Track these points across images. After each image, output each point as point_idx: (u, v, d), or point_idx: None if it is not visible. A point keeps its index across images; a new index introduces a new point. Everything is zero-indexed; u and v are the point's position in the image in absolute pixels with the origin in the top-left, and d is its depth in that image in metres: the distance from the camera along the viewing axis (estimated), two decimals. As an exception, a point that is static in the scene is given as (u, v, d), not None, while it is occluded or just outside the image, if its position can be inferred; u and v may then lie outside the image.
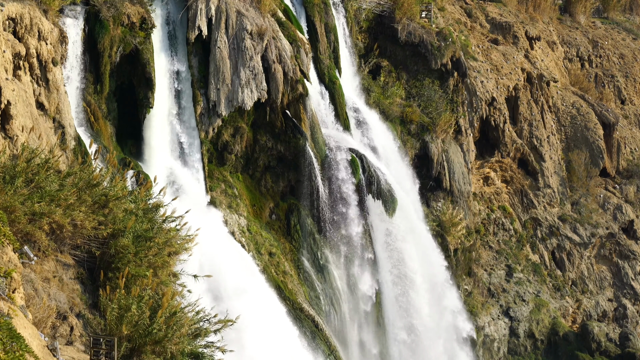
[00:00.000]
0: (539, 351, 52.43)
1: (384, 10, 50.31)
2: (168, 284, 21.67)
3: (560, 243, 56.35)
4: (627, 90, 65.98)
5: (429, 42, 49.75)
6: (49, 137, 29.37)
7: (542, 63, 59.56)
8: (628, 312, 56.68)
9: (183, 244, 22.83)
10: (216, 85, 38.33)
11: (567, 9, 68.63)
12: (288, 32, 41.22)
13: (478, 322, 50.48)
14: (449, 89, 50.64)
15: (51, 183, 20.62)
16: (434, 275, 46.84)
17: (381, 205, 43.00)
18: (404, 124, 48.44)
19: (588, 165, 58.79)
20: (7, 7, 28.81)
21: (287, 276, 39.60)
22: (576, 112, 60.23)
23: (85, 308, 20.45)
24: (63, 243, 21.08)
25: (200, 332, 20.36)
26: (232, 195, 39.67)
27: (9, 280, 16.26)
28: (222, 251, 36.21)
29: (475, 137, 53.61)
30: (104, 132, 34.93)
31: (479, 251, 53.00)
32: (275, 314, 36.92)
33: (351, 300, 42.56)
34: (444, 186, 49.22)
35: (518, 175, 56.37)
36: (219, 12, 38.51)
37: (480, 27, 59.47)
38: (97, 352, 17.87)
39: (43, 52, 30.30)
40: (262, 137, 40.81)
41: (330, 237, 41.85)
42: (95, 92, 34.92)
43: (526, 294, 53.07)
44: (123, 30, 35.26)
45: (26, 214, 19.54)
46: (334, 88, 44.37)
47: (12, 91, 27.21)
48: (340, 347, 40.49)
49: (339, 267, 42.26)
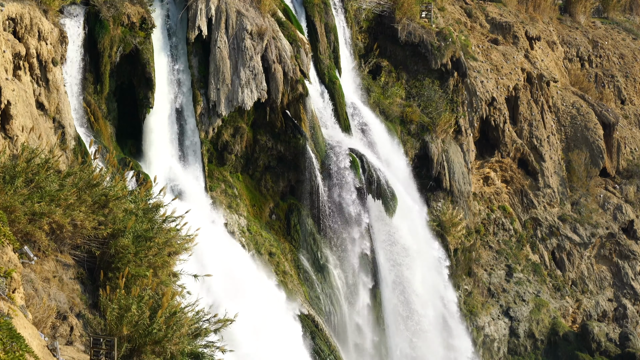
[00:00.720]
0: (539, 351, 52.43)
1: (384, 10, 50.31)
2: (168, 284, 21.66)
3: (560, 243, 56.35)
4: (627, 90, 65.98)
5: (429, 42, 49.75)
6: (49, 137, 29.38)
7: (542, 63, 59.57)
8: (628, 312, 56.68)
9: (183, 244, 22.82)
10: (216, 85, 38.33)
11: (567, 9, 68.62)
12: (288, 32, 41.22)
13: (478, 322, 50.48)
14: (449, 89, 50.64)
15: (51, 183, 20.62)
16: (434, 276, 46.86)
17: (381, 205, 43.00)
18: (404, 124, 48.44)
19: (588, 165, 58.79)
20: (7, 7, 28.81)
21: (287, 276, 39.60)
22: (576, 112, 60.24)
23: (85, 308, 20.45)
24: (63, 243, 21.08)
25: (200, 332, 20.36)
26: (232, 195, 39.68)
27: (9, 280, 16.26)
28: (222, 251, 36.19)
29: (475, 137, 53.61)
30: (104, 132, 34.94)
31: (479, 251, 53.00)
32: (276, 314, 36.91)
33: (351, 300, 42.56)
34: (444, 186, 49.22)
35: (518, 175, 56.37)
36: (219, 12, 38.51)
37: (480, 27, 59.47)
38: (97, 352, 17.87)
39: (43, 52, 30.30)
40: (262, 137, 40.81)
41: (330, 237, 41.85)
42: (95, 92, 34.92)
43: (526, 294, 53.07)
44: (123, 30, 35.26)
45: (26, 214, 19.54)
46: (334, 88, 44.37)
47: (12, 91, 27.21)
48: (340, 347, 40.49)
49: (339, 267, 42.25)
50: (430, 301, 46.13)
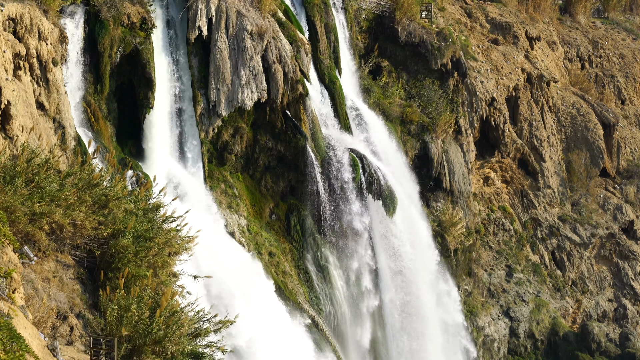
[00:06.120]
0: (539, 351, 52.43)
1: (384, 11, 50.30)
2: (168, 284, 21.65)
3: (560, 243, 56.35)
4: (627, 91, 65.98)
5: (429, 42, 49.75)
6: (49, 137, 29.38)
7: (542, 63, 59.56)
8: (628, 312, 56.67)
9: (183, 244, 22.81)
10: (216, 85, 38.33)
11: (567, 9, 68.61)
12: (288, 32, 41.22)
13: (478, 322, 50.48)
14: (449, 89, 50.63)
15: (51, 183, 20.61)
16: (432, 274, 46.88)
17: (381, 205, 43.00)
18: (404, 124, 48.44)
19: (588, 165, 58.78)
20: (7, 7, 28.81)
21: (287, 276, 39.61)
22: (576, 112, 60.23)
23: (85, 308, 20.44)
24: (63, 243, 21.07)
25: (200, 332, 20.35)
26: (232, 196, 39.68)
27: (9, 280, 16.26)
28: (222, 251, 36.19)
29: (475, 137, 53.61)
30: (104, 132, 34.94)
31: (479, 251, 53.00)
32: (277, 314, 36.94)
33: (351, 300, 42.56)
34: (444, 186, 49.22)
35: (518, 176, 56.37)
36: (219, 12, 38.52)
37: (480, 27, 59.46)
38: (97, 352, 17.87)
39: (43, 52, 30.30)
40: (262, 137, 40.81)
41: (330, 237, 41.85)
42: (95, 92, 34.93)
43: (526, 294, 53.07)
44: (123, 31, 35.27)
45: (26, 214, 19.53)
46: (334, 88, 44.37)
47: (12, 91, 27.22)
48: (339, 347, 40.50)
49: (339, 267, 42.25)
50: (430, 301, 46.14)
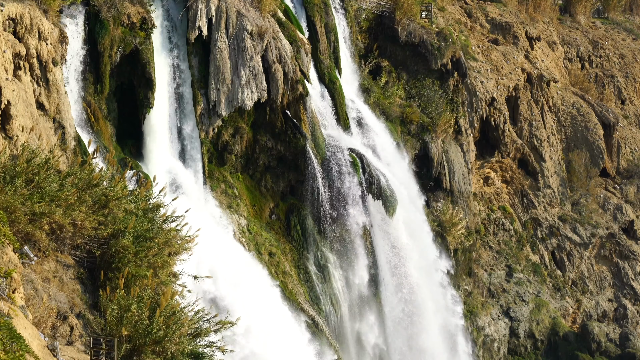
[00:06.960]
0: (539, 351, 52.43)
1: (384, 11, 50.30)
2: (168, 284, 21.66)
3: (560, 243, 56.35)
4: (627, 91, 65.98)
5: (429, 42, 49.74)
6: (49, 137, 29.38)
7: (542, 63, 59.57)
8: (628, 312, 56.68)
9: (183, 244, 22.82)
10: (216, 85, 38.33)
11: (567, 9, 68.62)
12: (288, 32, 41.22)
13: (478, 322, 50.48)
14: (449, 89, 50.63)
15: (51, 183, 20.61)
16: (433, 275, 46.88)
17: (381, 205, 42.99)
18: (404, 124, 48.44)
19: (588, 165, 58.78)
20: (7, 7, 28.81)
21: (287, 276, 39.61)
22: (576, 112, 60.23)
23: (85, 308, 20.44)
24: (63, 243, 21.07)
25: (200, 332, 20.36)
26: (232, 196, 39.68)
27: (9, 280, 16.26)
28: (222, 251, 36.20)
29: (475, 137, 53.61)
30: (104, 132, 34.93)
31: (479, 251, 53.00)
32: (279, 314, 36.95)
33: (351, 301, 42.56)
34: (444, 186, 49.22)
35: (518, 176, 56.37)
36: (219, 12, 38.51)
37: (480, 27, 59.47)
38: (97, 353, 17.87)
39: (43, 52, 30.30)
40: (262, 137, 40.81)
41: (331, 237, 41.86)
42: (95, 92, 34.92)
43: (526, 294, 53.07)
44: (123, 31, 35.26)
45: (26, 214, 19.53)
46: (334, 88, 44.37)
47: (12, 91, 27.22)
48: (340, 347, 40.50)
49: (339, 267, 42.26)
50: (430, 301, 46.14)
